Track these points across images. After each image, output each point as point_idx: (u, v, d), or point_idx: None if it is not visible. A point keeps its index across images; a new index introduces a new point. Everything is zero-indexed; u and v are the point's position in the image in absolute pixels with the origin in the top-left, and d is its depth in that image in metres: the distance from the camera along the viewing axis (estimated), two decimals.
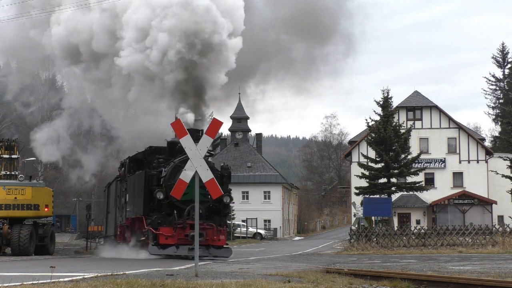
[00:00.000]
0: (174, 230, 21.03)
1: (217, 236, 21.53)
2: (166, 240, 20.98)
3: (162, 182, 22.07)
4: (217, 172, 21.41)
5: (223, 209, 22.58)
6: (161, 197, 21.57)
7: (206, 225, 21.33)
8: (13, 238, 27.91)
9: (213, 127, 12.16)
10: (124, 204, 26.11)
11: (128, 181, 25.74)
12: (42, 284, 9.22)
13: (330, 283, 10.49)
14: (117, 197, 29.12)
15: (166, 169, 21.99)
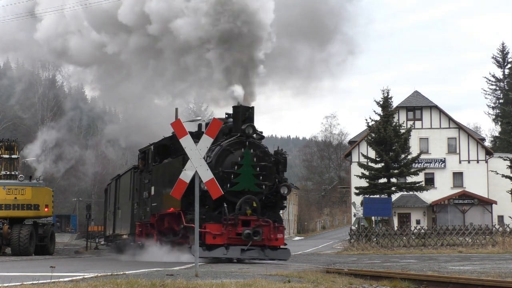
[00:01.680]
0: (224, 228, 17.77)
1: (274, 235, 18.33)
2: (213, 240, 17.69)
3: None
4: (270, 157, 18.72)
5: (279, 202, 19.17)
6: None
7: (262, 221, 18.13)
8: (13, 238, 27.93)
9: (213, 127, 12.17)
10: (148, 199, 22.56)
11: (154, 171, 22.12)
12: (42, 284, 9.22)
13: (330, 283, 10.49)
14: (133, 191, 25.55)
15: (210, 154, 18.42)
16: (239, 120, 18.62)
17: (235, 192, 18.01)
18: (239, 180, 18.16)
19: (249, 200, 17.95)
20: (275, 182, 18.70)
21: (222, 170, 18.01)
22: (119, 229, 29.55)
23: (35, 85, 68.90)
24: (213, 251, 17.63)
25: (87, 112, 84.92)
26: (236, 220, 17.77)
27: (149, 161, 22.63)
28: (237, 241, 17.79)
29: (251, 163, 18.25)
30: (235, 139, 18.46)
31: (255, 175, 18.32)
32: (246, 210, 17.89)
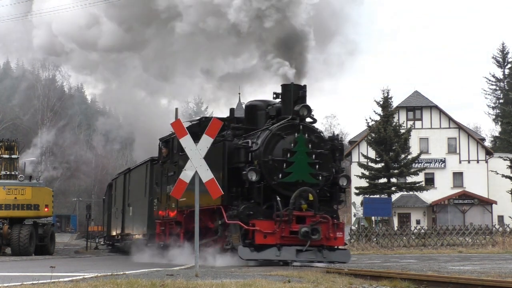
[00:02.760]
0: (277, 226, 15.22)
1: (333, 233, 15.72)
2: (264, 239, 15.16)
3: (251, 158, 16.07)
4: (326, 143, 16.31)
5: (336, 195, 16.64)
6: (254, 179, 15.44)
7: (320, 217, 15.58)
8: (13, 238, 27.94)
9: (213, 127, 12.18)
10: None
11: (181, 162, 18.88)
12: (42, 284, 9.22)
13: (330, 283, 10.49)
14: (151, 186, 23.09)
15: (256, 140, 16.11)
16: (290, 101, 16.12)
17: (287, 183, 15.61)
18: (292, 169, 15.69)
19: (304, 193, 15.47)
20: (331, 172, 16.26)
21: (272, 158, 15.69)
22: (130, 228, 27.11)
23: (35, 85, 68.96)
24: (263, 253, 15.12)
25: (84, 110, 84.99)
26: (291, 216, 15.26)
27: (175, 150, 19.86)
28: (291, 241, 15.32)
29: (306, 149, 15.80)
30: (286, 123, 16.00)
31: (310, 164, 15.87)
32: (301, 204, 15.40)
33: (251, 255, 15.12)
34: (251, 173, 15.55)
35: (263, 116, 17.12)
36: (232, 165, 16.16)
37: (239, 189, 15.91)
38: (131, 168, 28.81)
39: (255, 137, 16.30)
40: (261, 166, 15.69)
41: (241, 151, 16.17)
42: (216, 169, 15.77)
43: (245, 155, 16.08)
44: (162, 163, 20.95)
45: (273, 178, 15.53)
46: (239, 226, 15.34)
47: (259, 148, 15.85)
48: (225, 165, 16.15)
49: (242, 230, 15.30)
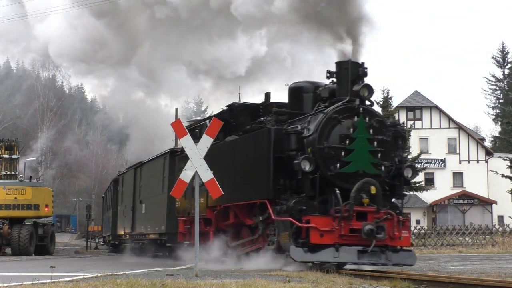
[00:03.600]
0: (337, 223, 13.17)
1: (398, 232, 13.63)
2: (320, 239, 13.15)
3: (304, 145, 13.92)
4: (389, 129, 14.24)
5: (399, 188, 14.52)
6: (308, 168, 13.39)
7: (383, 213, 13.52)
8: (13, 238, 27.94)
9: (213, 127, 12.18)
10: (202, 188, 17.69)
11: (213, 152, 16.00)
12: (42, 284, 9.22)
13: (330, 283, 10.50)
14: (173, 179, 19.76)
15: (307, 125, 14.06)
16: (348, 80, 14.14)
17: (345, 174, 13.59)
18: (352, 158, 13.66)
19: (366, 186, 13.43)
20: (394, 162, 14.21)
21: (328, 145, 13.64)
22: (143, 227, 24.82)
23: (35, 85, 69.02)
24: (319, 254, 13.14)
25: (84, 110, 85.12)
26: (351, 211, 13.22)
27: None
28: (351, 240, 13.29)
29: (367, 135, 13.78)
30: (344, 105, 13.96)
31: (372, 152, 13.82)
32: (361, 198, 13.41)
33: (305, 256, 13.15)
34: (304, 162, 13.44)
35: (310, 99, 15.20)
36: (278, 153, 14.07)
37: (286, 181, 13.84)
38: (143, 161, 26.27)
39: (305, 122, 14.24)
40: (316, 155, 13.59)
41: (292, 138, 13.99)
42: (259, 159, 14.48)
43: (297, 142, 13.93)
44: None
45: (329, 168, 13.50)
46: (289, 223, 13.19)
47: (312, 134, 13.78)
48: (270, 153, 14.08)
49: (294, 227, 13.18)
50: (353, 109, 13.94)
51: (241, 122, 17.05)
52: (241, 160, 15.52)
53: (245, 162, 15.21)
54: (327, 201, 13.55)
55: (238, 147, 16.05)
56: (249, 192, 14.99)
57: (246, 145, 15.46)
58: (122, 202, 29.48)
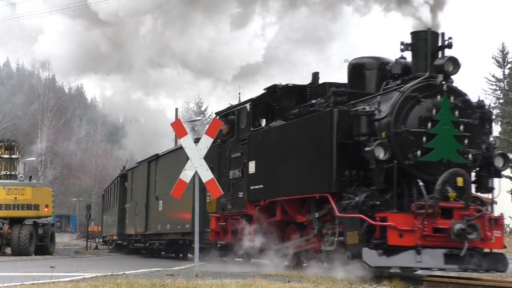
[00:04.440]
0: (420, 221, 11.07)
1: (490, 232, 11.60)
2: (400, 239, 11.03)
3: (375, 130, 11.88)
4: (475, 111, 12.12)
5: (488, 181, 12.94)
6: (383, 156, 11.43)
7: (473, 210, 11.54)
8: (13, 238, 27.95)
9: (213, 127, 12.18)
10: (241, 180, 15.55)
11: (253, 140, 15.12)
12: (42, 284, 9.22)
13: (330, 283, 10.50)
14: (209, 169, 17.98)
15: (378, 106, 11.94)
16: (427, 53, 12.10)
17: (426, 163, 11.59)
18: (435, 144, 11.63)
19: (451, 178, 11.42)
20: (481, 149, 12.17)
21: (406, 129, 11.60)
22: (160, 226, 22.98)
23: (35, 85, 69.05)
24: (397, 257, 11.04)
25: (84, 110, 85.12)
26: (436, 208, 11.17)
27: (242, 125, 15.76)
28: (436, 242, 11.20)
29: (452, 118, 11.72)
30: (423, 82, 11.94)
31: (458, 138, 11.78)
32: (447, 192, 11.38)
33: (381, 260, 11.03)
34: (378, 149, 11.40)
35: (374, 77, 13.38)
36: (342, 139, 12.02)
37: (353, 171, 11.82)
38: (159, 154, 24.23)
39: (372, 103, 12.19)
40: (392, 140, 11.55)
41: (363, 120, 11.83)
42: (318, 146, 12.45)
43: (368, 126, 11.83)
44: (222, 142, 16.63)
45: (407, 156, 11.52)
46: (359, 221, 11.17)
47: (387, 116, 11.72)
48: (333, 139, 12.00)
49: (365, 226, 11.11)
50: (435, 87, 11.85)
51: (286, 106, 15.15)
52: (293, 148, 13.35)
53: (299, 150, 13.07)
54: (401, 195, 11.53)
55: (288, 133, 13.76)
56: (304, 184, 12.91)
57: (300, 131, 13.28)
58: (132, 199, 27.72)
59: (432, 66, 11.99)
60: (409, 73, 12.25)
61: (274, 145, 14.18)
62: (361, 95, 13.01)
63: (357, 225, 11.24)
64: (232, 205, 15.94)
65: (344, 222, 11.65)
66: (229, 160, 16.16)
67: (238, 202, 15.61)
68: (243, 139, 15.57)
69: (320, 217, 12.61)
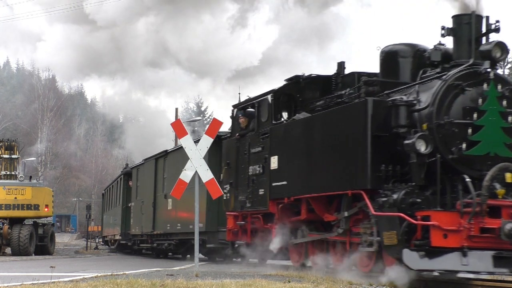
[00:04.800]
0: (467, 220, 10.21)
1: None
2: (444, 240, 10.21)
3: (415, 121, 10.96)
4: None
5: None
6: (424, 150, 10.59)
7: None
8: (13, 238, 27.95)
9: (213, 127, 12.17)
10: (262, 176, 14.44)
11: (275, 133, 14.08)
12: (42, 284, 9.22)
13: (330, 283, 10.49)
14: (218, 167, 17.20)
15: (417, 96, 11.09)
16: (470, 39, 11.23)
17: (471, 158, 10.72)
18: (481, 137, 10.80)
19: (500, 173, 10.56)
20: None
21: (449, 120, 10.73)
22: (169, 226, 21.91)
23: (35, 85, 69.09)
24: (441, 260, 10.17)
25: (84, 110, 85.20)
26: (484, 206, 10.34)
27: (263, 118, 14.70)
28: (483, 243, 10.31)
29: (499, 108, 10.86)
30: (467, 69, 11.06)
31: (506, 130, 10.88)
32: (495, 189, 10.53)
33: (423, 263, 10.15)
34: (419, 142, 10.53)
35: (409, 65, 12.45)
36: (377, 131, 11.09)
37: (389, 166, 10.94)
38: (168, 150, 23.15)
39: (409, 92, 11.38)
40: (434, 132, 10.67)
41: (402, 111, 10.93)
42: (350, 138, 11.53)
43: (408, 117, 10.93)
44: (240, 136, 15.59)
45: (450, 150, 10.67)
46: (398, 220, 10.27)
47: (428, 106, 10.83)
48: (367, 131, 11.08)
49: (405, 225, 10.19)
50: (481, 75, 10.97)
51: (309, 97, 14.31)
52: (322, 142, 12.38)
53: (328, 144, 12.15)
54: (443, 192, 10.58)
55: (316, 126, 12.73)
56: (334, 180, 11.98)
57: (330, 123, 12.36)
58: (137, 198, 26.64)
59: (478, 52, 11.10)
60: (450, 60, 11.42)
61: (300, 139, 13.15)
62: (394, 84, 12.16)
63: (396, 224, 10.32)
64: (251, 203, 14.85)
65: (380, 221, 10.71)
66: (249, 155, 15.04)
67: (259, 199, 14.54)
68: (264, 133, 14.50)
69: (349, 216, 11.77)
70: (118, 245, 32.24)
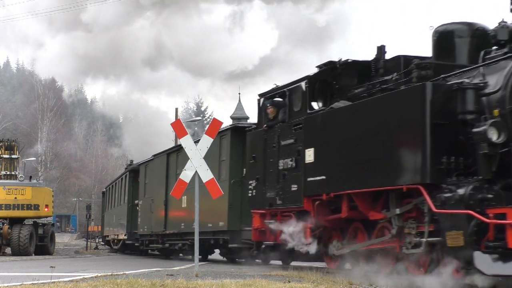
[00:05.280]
0: None
1: None
2: None
3: (483, 107, 9.74)
4: None
5: None
6: (497, 139, 9.43)
7: None
8: (13, 238, 27.96)
9: (213, 127, 12.16)
10: (294, 170, 13.06)
11: (311, 123, 12.80)
12: (42, 284, 9.22)
13: (330, 283, 10.48)
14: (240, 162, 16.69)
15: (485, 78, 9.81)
16: None
17: None
18: None
19: None
20: None
21: None
22: (183, 224, 20.36)
23: (35, 85, 69.09)
24: None
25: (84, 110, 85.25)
26: None
27: (295, 108, 13.36)
28: None
29: None
30: None
31: None
32: None
33: (499, 267, 9.02)
34: (491, 130, 9.25)
35: (466, 46, 11.20)
36: (437, 119, 9.82)
37: (451, 158, 9.68)
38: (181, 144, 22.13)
39: (473, 75, 10.09)
40: (507, 119, 9.41)
41: (469, 95, 9.69)
42: (406, 127, 10.26)
43: (476, 102, 9.69)
44: (268, 128, 14.21)
45: None
46: (465, 218, 9.06)
47: (500, 89, 9.57)
48: (426, 119, 9.83)
49: (474, 224, 8.99)
50: None
51: (347, 84, 13.05)
52: (367, 132, 11.15)
53: (376, 134, 10.89)
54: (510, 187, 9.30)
55: (360, 114, 11.51)
56: (383, 174, 10.72)
57: (377, 111, 11.09)
58: (145, 195, 25.24)
59: None
60: None
61: (341, 129, 11.87)
62: (451, 67, 10.87)
63: (462, 223, 9.07)
64: (282, 199, 13.45)
65: (443, 220, 9.47)
66: (278, 148, 13.64)
67: (291, 196, 13.11)
68: (297, 123, 13.11)
69: (401, 214, 10.47)
70: (122, 245, 30.84)
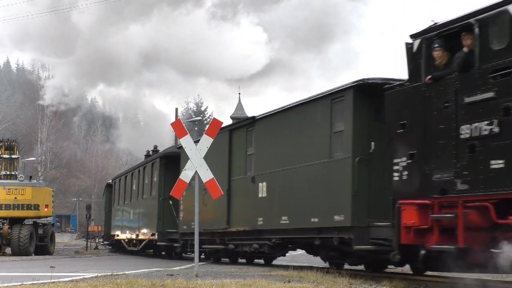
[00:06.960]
0: None
1: None
2: None
3: None
4: None
5: None
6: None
7: None
8: (13, 238, 27.97)
9: (213, 127, 12.16)
10: (494, 138, 8.88)
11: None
12: (42, 284, 9.22)
13: (330, 283, 10.49)
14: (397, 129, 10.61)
15: None
16: None
17: None
18: None
19: None
20: None
21: None
22: (262, 220, 15.91)
23: (35, 85, 69.10)
24: None
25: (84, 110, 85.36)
26: None
27: (495, 45, 9.16)
28: None
29: None
30: None
31: None
32: None
33: None
34: None
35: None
36: None
37: None
38: (257, 117, 16.76)
39: None
40: None
41: None
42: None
43: None
44: (433, 80, 10.05)
45: None
46: None
47: None
48: None
49: None
50: None
51: None
52: None
53: None
54: None
55: None
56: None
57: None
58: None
59: None
60: None
61: None
62: None
63: None
64: (470, 182, 9.23)
65: None
66: (457, 108, 9.55)
67: (490, 177, 8.91)
68: (499, 68, 8.90)
69: None
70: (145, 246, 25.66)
